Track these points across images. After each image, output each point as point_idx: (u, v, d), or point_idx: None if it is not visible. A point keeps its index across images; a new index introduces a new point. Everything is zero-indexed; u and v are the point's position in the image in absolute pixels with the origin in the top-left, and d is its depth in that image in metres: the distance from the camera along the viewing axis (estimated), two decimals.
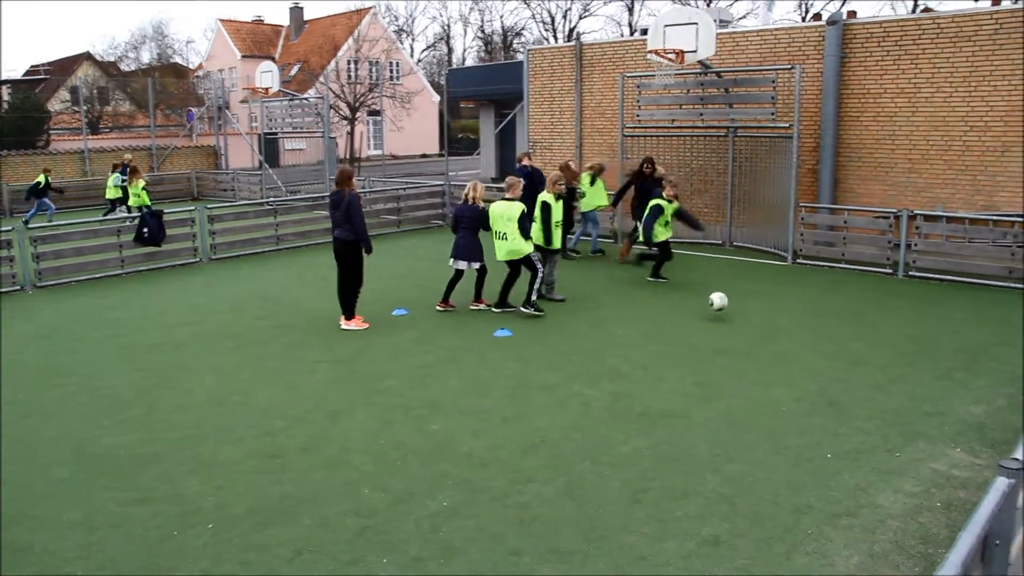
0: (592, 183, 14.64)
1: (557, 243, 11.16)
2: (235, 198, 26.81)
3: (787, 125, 14.36)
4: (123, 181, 19.55)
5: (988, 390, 7.84)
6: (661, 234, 12.52)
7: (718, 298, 10.44)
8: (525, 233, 10.44)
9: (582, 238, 15.35)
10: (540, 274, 10.63)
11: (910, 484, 5.94)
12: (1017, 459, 3.72)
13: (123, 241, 14.16)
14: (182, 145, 32.76)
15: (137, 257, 14.33)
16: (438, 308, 11.01)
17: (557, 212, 10.98)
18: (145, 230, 14.28)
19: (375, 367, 8.76)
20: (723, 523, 5.40)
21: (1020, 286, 11.89)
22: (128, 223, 14.62)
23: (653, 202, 12.48)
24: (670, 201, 12.49)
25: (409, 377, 8.44)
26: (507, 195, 10.59)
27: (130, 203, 18.19)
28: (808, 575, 4.79)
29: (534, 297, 10.64)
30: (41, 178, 21.84)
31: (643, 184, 14.11)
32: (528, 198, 11.04)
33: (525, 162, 14.47)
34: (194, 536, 5.31)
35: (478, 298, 11.07)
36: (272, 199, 18.97)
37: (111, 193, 20.41)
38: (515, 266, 10.70)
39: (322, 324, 10.34)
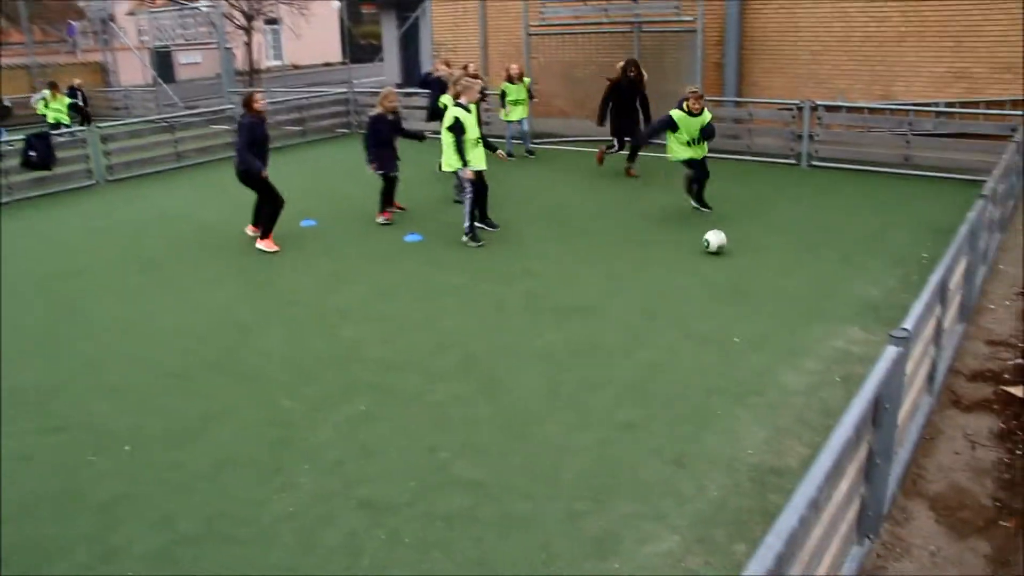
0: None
1: (481, 162, 9.57)
2: (129, 116, 25.64)
3: (691, 19, 14.32)
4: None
5: (883, 271, 8.17)
6: (680, 152, 10.20)
7: (715, 237, 8.93)
8: (457, 149, 9.28)
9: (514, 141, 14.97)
10: (467, 201, 9.50)
11: (812, 362, 6.20)
12: (906, 329, 3.91)
13: (8, 167, 13.40)
14: (65, 62, 30.92)
15: (26, 183, 13.59)
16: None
17: (473, 126, 9.41)
18: (32, 153, 13.53)
19: (284, 279, 8.63)
20: (636, 408, 5.57)
21: (914, 173, 12.32)
22: (10, 147, 13.82)
23: (668, 113, 10.18)
24: (693, 113, 10.00)
25: (318, 287, 8.35)
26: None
27: (49, 119, 17.46)
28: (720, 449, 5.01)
29: (465, 224, 9.53)
30: None
31: (628, 91, 12.71)
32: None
33: (438, 68, 13.38)
34: (110, 460, 5.23)
35: (380, 209, 10.71)
36: (169, 115, 18.19)
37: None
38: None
39: (227, 241, 10.08)
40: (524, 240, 9.70)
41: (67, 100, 18.19)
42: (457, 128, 9.19)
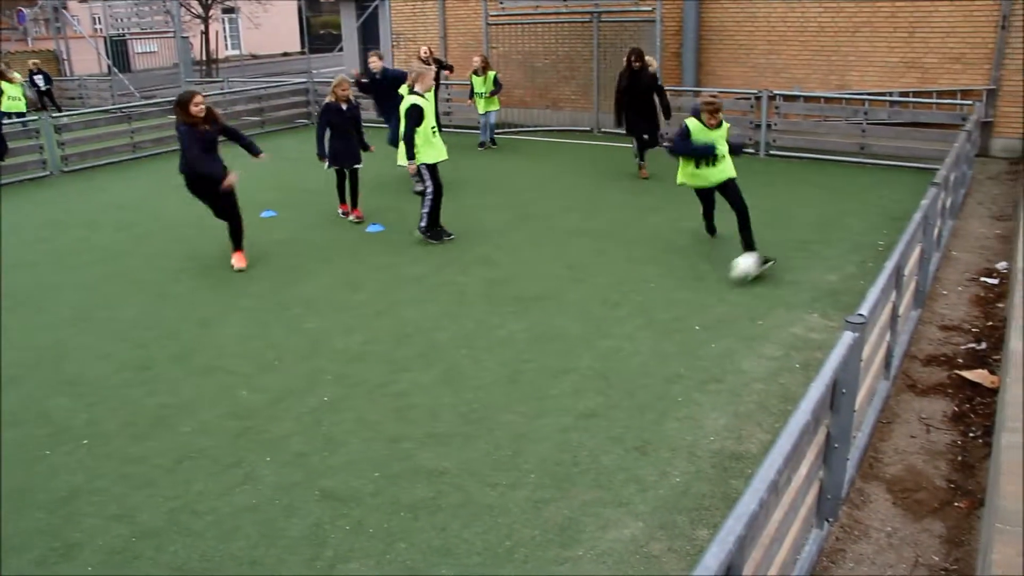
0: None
1: (441, 153, 9.15)
2: (84, 106, 25.18)
3: (650, 9, 14.39)
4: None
5: (840, 258, 8.29)
6: (684, 173, 8.37)
7: (744, 262, 7.70)
8: (405, 138, 8.86)
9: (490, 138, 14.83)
10: (427, 195, 9.08)
11: (771, 349, 6.29)
12: (862, 315, 3.98)
13: None
14: (16, 50, 30.26)
15: None
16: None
17: (430, 115, 9.04)
18: None
19: (244, 270, 8.54)
20: (598, 396, 5.60)
21: (869, 161, 12.52)
22: None
23: (684, 122, 8.20)
24: (709, 128, 8.04)
25: (279, 278, 8.28)
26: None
27: (2, 108, 17.15)
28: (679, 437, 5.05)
29: (423, 223, 9.16)
30: None
31: (636, 84, 11.55)
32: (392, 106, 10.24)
33: (373, 64, 12.02)
34: (67, 454, 5.14)
35: (340, 200, 10.49)
36: (125, 105, 17.92)
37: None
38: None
39: (185, 232, 9.95)
40: (484, 229, 9.69)
41: (19, 88, 17.96)
42: (414, 116, 8.74)
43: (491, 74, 14.17)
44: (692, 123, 8.13)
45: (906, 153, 12.34)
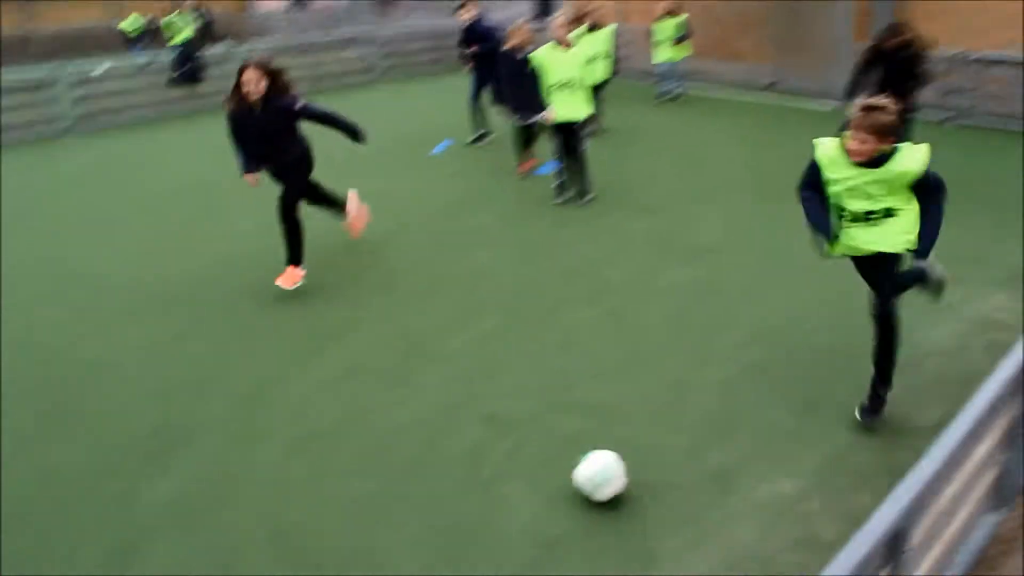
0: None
1: (564, 111, 8.29)
2: (267, 40, 26.38)
3: None
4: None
5: None
6: (844, 234, 4.77)
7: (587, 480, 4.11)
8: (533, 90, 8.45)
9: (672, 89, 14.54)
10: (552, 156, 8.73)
11: (952, 325, 5.93)
12: None
13: (161, 81, 14.23)
14: None
15: (175, 98, 14.38)
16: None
17: (558, 67, 8.23)
18: (181, 70, 14.26)
19: (415, 197, 8.86)
20: (763, 350, 5.46)
21: None
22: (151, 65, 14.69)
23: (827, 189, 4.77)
24: (853, 159, 4.55)
25: (447, 211, 8.52)
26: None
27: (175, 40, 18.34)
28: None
29: (553, 184, 8.74)
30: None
31: (897, 70, 8.66)
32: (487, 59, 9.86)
33: (462, 16, 10.82)
34: (250, 354, 5.62)
35: (517, 160, 10.10)
36: (305, 40, 18.65)
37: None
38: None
39: (366, 160, 10.21)
40: (651, 174, 9.56)
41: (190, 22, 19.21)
42: (534, 69, 8.31)
43: (675, 19, 13.75)
44: (823, 151, 4.69)
45: None
